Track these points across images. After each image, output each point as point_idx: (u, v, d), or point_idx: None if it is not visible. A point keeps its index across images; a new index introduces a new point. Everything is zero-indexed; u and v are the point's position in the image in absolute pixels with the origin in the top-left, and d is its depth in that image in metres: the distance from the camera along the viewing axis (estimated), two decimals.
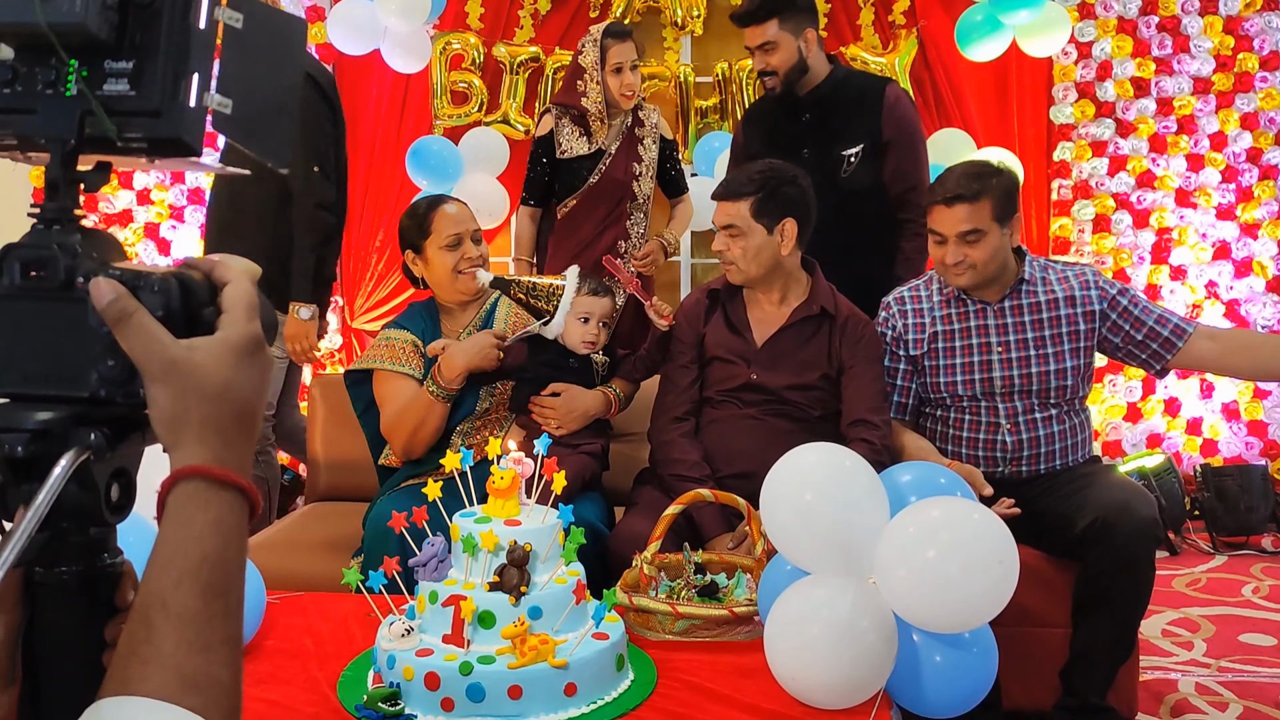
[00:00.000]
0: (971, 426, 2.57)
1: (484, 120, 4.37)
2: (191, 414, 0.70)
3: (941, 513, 1.71)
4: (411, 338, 2.61)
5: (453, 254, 2.59)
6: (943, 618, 1.69)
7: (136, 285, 0.70)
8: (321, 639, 1.94)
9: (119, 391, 0.71)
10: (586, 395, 2.62)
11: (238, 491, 0.71)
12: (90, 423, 0.71)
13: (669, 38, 4.39)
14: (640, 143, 3.39)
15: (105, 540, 0.75)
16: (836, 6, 4.31)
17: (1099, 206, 4.34)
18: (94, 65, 0.71)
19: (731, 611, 1.92)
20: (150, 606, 0.67)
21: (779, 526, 1.78)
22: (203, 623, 0.67)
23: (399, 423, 2.52)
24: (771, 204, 2.50)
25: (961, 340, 2.58)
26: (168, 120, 0.70)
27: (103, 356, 0.70)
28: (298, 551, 2.83)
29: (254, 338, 0.73)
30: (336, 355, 4.58)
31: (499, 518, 1.75)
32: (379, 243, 4.47)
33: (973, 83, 4.28)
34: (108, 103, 0.70)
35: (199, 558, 0.68)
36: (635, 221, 3.40)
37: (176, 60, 0.71)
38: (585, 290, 2.58)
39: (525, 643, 1.62)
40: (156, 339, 0.69)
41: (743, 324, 2.61)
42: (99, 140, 0.71)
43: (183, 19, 0.71)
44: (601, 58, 3.26)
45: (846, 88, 3.13)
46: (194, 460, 0.70)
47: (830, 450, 1.83)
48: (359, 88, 4.46)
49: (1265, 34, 4.29)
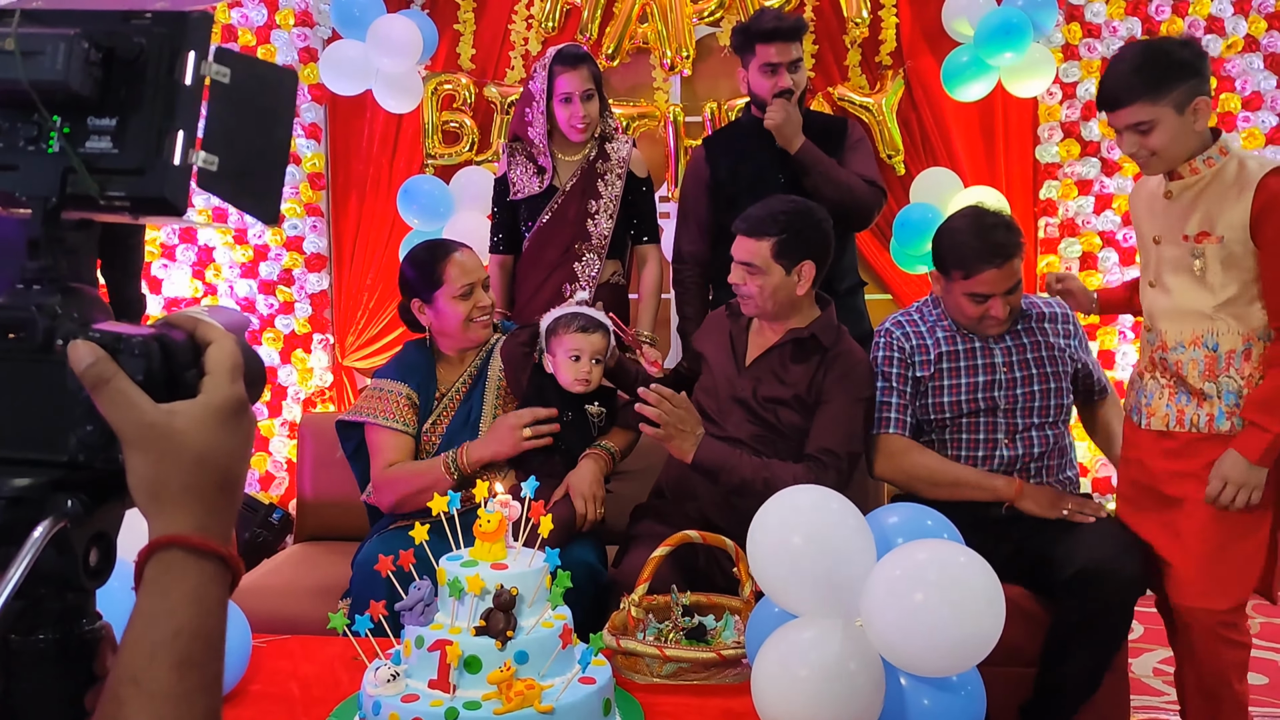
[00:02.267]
0: (970, 444, 2.61)
1: (475, 159, 4.39)
2: (171, 481, 0.68)
3: (928, 555, 1.72)
4: (406, 390, 2.59)
5: (465, 303, 2.58)
6: (930, 660, 1.69)
7: (116, 348, 0.68)
8: (307, 683, 1.93)
9: (98, 456, 0.69)
10: (584, 475, 2.53)
11: (218, 561, 0.69)
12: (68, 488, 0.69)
13: (659, 78, 4.42)
14: (601, 178, 3.22)
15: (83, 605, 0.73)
16: (824, 48, 4.35)
17: (1085, 244, 4.37)
18: (77, 122, 0.69)
19: (719, 654, 1.92)
20: (122, 683, 0.66)
21: (766, 568, 1.78)
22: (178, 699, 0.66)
23: (398, 480, 2.50)
24: (793, 246, 2.50)
25: (967, 361, 2.62)
26: (151, 178, 0.69)
27: (82, 421, 0.68)
28: (286, 594, 2.82)
29: (237, 400, 0.72)
30: (327, 393, 4.57)
31: (485, 561, 1.75)
32: (370, 280, 4.48)
33: (959, 123, 4.32)
34: (90, 160, 0.69)
35: (174, 630, 0.67)
36: (586, 264, 3.21)
37: (161, 117, 0.69)
38: (575, 327, 2.54)
39: (511, 688, 1.61)
40: (135, 404, 0.68)
41: (743, 339, 2.65)
42: (81, 198, 0.69)
43: (168, 75, 0.70)
44: (549, 85, 3.09)
45: (813, 121, 3.26)
46: (173, 529, 0.68)
47: (817, 493, 1.83)
48: (351, 127, 4.49)
49: (1247, 75, 4.34)
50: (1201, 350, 2.32)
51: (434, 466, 2.48)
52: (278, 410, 4.52)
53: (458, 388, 2.63)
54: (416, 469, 2.51)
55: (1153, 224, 2.41)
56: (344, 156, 4.51)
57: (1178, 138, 2.27)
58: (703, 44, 4.41)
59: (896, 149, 4.28)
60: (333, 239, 4.56)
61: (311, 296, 4.57)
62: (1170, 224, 2.35)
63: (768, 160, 3.17)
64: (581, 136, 3.18)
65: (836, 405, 2.53)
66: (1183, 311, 2.34)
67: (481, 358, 2.67)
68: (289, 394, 4.52)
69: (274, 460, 4.49)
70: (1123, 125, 2.31)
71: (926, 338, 2.65)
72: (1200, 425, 2.33)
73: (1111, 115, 2.32)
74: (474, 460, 2.47)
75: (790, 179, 3.13)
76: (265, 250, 4.52)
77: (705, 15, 4.33)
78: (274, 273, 4.52)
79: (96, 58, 0.69)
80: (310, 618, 2.47)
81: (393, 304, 4.47)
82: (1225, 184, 2.27)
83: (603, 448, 2.61)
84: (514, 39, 4.41)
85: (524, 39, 4.39)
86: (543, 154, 3.17)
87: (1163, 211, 2.37)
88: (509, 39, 4.42)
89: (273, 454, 4.49)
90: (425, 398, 2.61)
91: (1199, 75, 2.27)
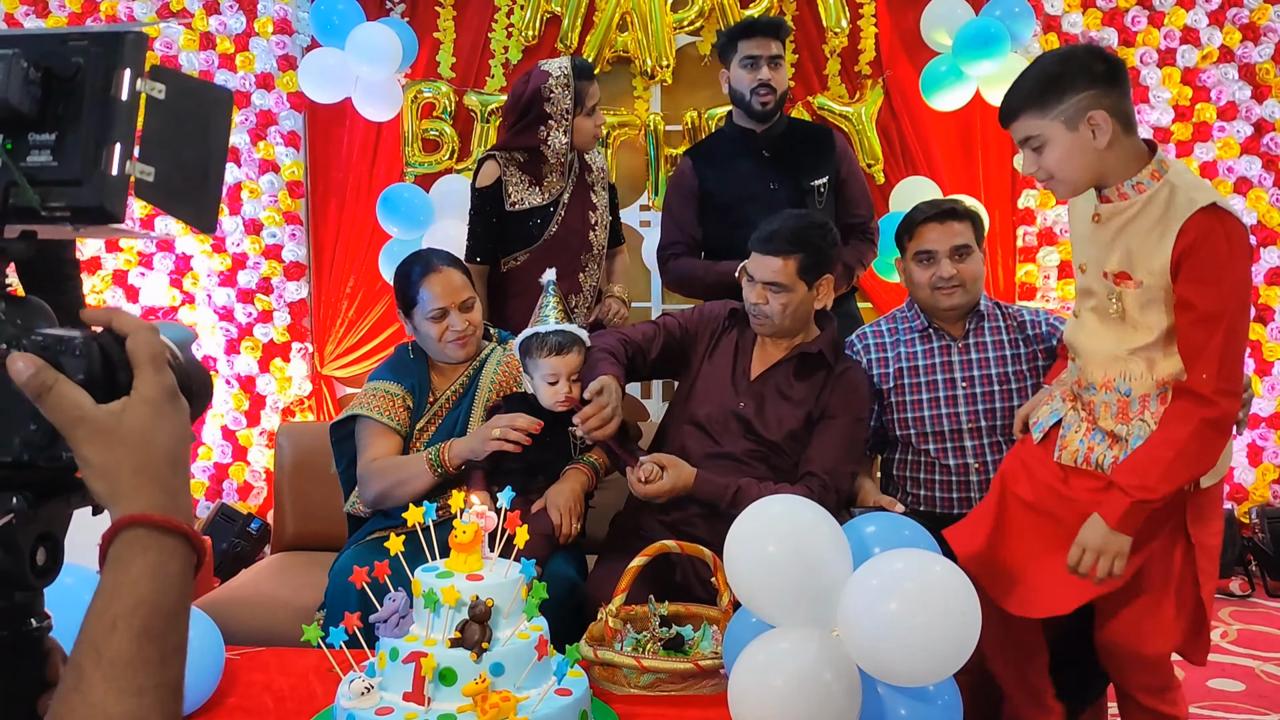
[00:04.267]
0: (942, 470, 2.59)
1: (455, 168, 4.38)
2: (123, 466, 0.71)
3: (905, 565, 1.72)
4: (401, 391, 2.59)
5: (438, 325, 2.57)
6: (906, 670, 1.69)
7: (60, 350, 0.71)
8: (282, 696, 1.91)
9: (41, 455, 0.72)
10: (564, 489, 2.50)
11: (180, 537, 0.72)
12: (12, 487, 0.71)
13: (639, 86, 4.43)
14: (592, 189, 3.25)
15: (31, 604, 0.75)
16: (804, 56, 4.37)
17: (1064, 253, 4.39)
18: (18, 137, 0.72)
19: (697, 665, 1.91)
20: (83, 654, 0.68)
21: (742, 578, 1.78)
22: (136, 668, 0.68)
23: (383, 471, 2.49)
24: (815, 262, 2.49)
25: (927, 376, 2.61)
26: (90, 189, 0.72)
27: (24, 420, 0.71)
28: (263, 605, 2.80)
29: (167, 389, 0.75)
30: (306, 402, 4.55)
31: (461, 572, 1.74)
32: (349, 289, 4.46)
33: (938, 131, 4.34)
34: (31, 173, 0.72)
35: (134, 602, 0.69)
36: (589, 274, 3.24)
37: (98, 131, 0.73)
38: (547, 350, 2.49)
39: (487, 700, 1.60)
40: (77, 405, 0.71)
41: (747, 353, 2.61)
42: (23, 210, 0.72)
43: (104, 91, 0.73)
44: (577, 99, 3.07)
45: (795, 128, 3.33)
46: (133, 509, 0.71)
47: (793, 502, 1.83)
48: (331, 135, 4.47)
49: (1222, 85, 4.38)
50: (1114, 394, 2.10)
51: (418, 460, 2.48)
52: (256, 420, 4.49)
53: (449, 395, 2.63)
54: (401, 462, 2.50)
55: (1081, 248, 2.18)
56: (323, 165, 4.50)
57: (1073, 156, 2.02)
58: (683, 53, 4.42)
59: (876, 158, 4.30)
60: (312, 247, 4.54)
61: (290, 305, 4.54)
62: (1095, 253, 2.12)
63: (755, 168, 3.18)
64: (595, 145, 3.23)
65: (839, 424, 2.51)
66: (1096, 350, 2.13)
67: (474, 368, 2.67)
68: (268, 403, 4.49)
69: (252, 470, 4.47)
70: (1017, 141, 2.12)
71: (888, 350, 2.66)
72: (1105, 465, 2.10)
73: (1009, 130, 2.13)
74: (454, 456, 2.46)
75: (784, 185, 3.16)
76: (244, 259, 4.50)
77: (685, 25, 4.34)
78: (253, 281, 4.50)
79: (35, 76, 0.72)
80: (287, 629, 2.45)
81: (372, 313, 4.45)
82: (1151, 218, 2.00)
83: (586, 462, 2.60)
84: (494, 47, 4.41)
85: (504, 47, 4.39)
86: (553, 168, 3.12)
87: (1090, 236, 2.14)
88: (489, 47, 4.42)
89: (251, 464, 4.47)
90: (419, 400, 2.61)
91: (1097, 87, 2.00)
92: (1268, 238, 4.41)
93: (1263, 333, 4.43)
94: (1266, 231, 4.41)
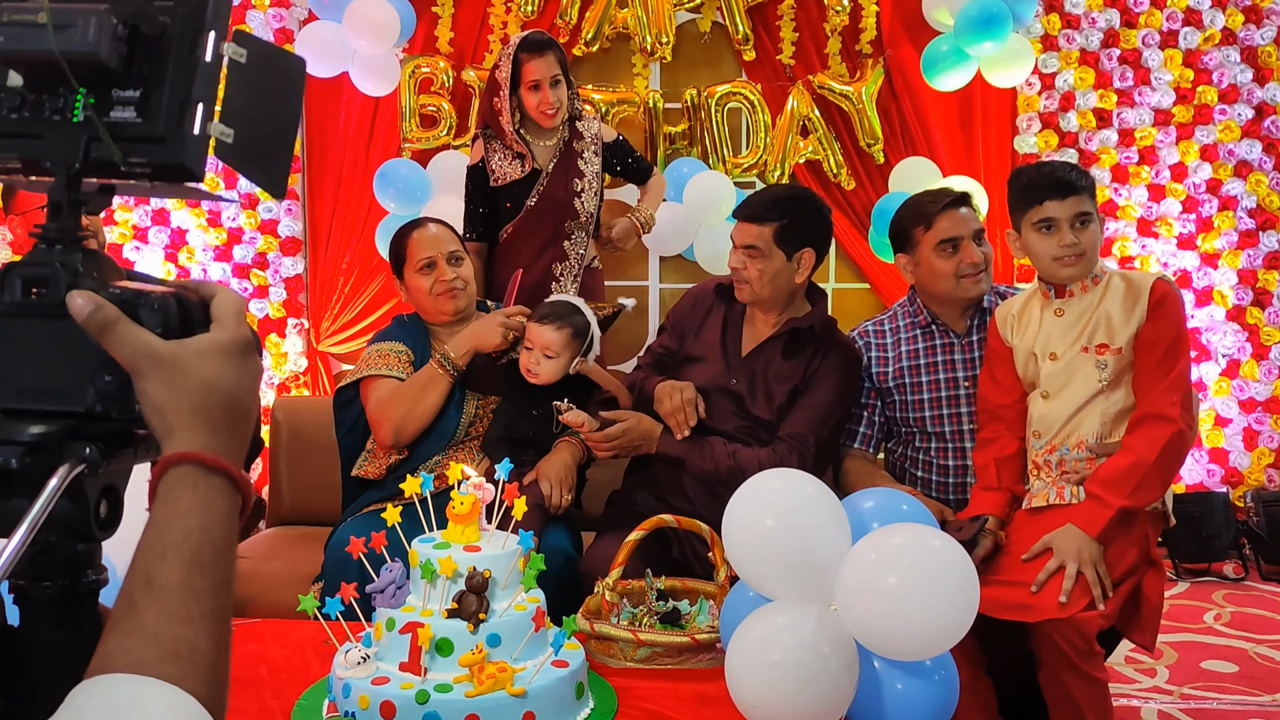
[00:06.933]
0: (941, 469, 2.58)
1: (452, 144, 4.36)
2: (182, 403, 0.72)
3: (903, 540, 1.71)
4: (404, 348, 2.60)
5: (427, 277, 2.58)
6: (904, 645, 1.68)
7: (137, 304, 0.73)
8: (277, 667, 1.90)
9: (115, 406, 0.73)
10: (554, 460, 2.52)
11: (227, 478, 0.73)
12: (85, 437, 0.72)
13: (638, 64, 4.40)
14: (580, 157, 3.23)
15: (91, 556, 0.77)
16: (805, 36, 4.34)
17: None
18: (101, 93, 0.74)
19: (693, 638, 1.91)
20: (135, 584, 0.69)
21: (740, 552, 1.77)
22: (185, 594, 0.68)
23: (397, 396, 2.49)
24: (794, 232, 2.48)
25: (929, 375, 2.59)
26: (172, 146, 0.73)
27: (100, 371, 0.72)
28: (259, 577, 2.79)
29: (244, 340, 0.76)
30: (302, 378, 4.54)
31: (458, 543, 1.74)
32: (345, 265, 4.44)
33: (938, 112, 4.33)
34: (114, 129, 0.73)
35: (184, 533, 0.70)
36: (576, 242, 3.24)
37: (182, 90, 0.74)
38: (536, 316, 2.53)
39: (483, 670, 1.60)
40: (142, 339, 0.72)
41: (736, 329, 2.61)
42: (103, 165, 0.74)
43: (189, 51, 0.74)
44: (515, 73, 3.08)
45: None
46: (184, 447, 0.72)
47: (792, 476, 1.83)
48: (328, 110, 4.44)
49: (1224, 68, 4.37)
50: (1084, 451, 2.27)
51: (426, 370, 2.51)
52: None
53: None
54: (408, 382, 2.52)
55: (1045, 342, 2.33)
56: (320, 140, 4.47)
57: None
58: (682, 30, 4.39)
59: (876, 138, 4.28)
60: (308, 223, 4.52)
61: (286, 280, 4.53)
62: (1068, 338, 2.30)
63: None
64: (552, 122, 3.17)
65: (818, 394, 2.51)
66: (1080, 420, 2.27)
67: None
68: (263, 379, 4.48)
69: None
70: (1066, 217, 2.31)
71: (889, 349, 2.64)
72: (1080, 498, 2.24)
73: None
74: (458, 349, 2.50)
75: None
76: (239, 233, 4.48)
77: (685, 2, 4.32)
78: (248, 256, 4.48)
79: (123, 33, 0.73)
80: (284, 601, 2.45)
81: (368, 289, 4.44)
82: (1119, 292, 2.27)
83: (576, 436, 2.59)
84: (493, 22, 4.38)
85: (503, 22, 4.36)
86: (515, 141, 3.15)
87: (1053, 329, 2.32)
88: (488, 22, 4.39)
89: None
90: (420, 360, 2.61)
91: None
92: (1267, 221, 4.40)
93: (1260, 316, 4.43)
94: (1266, 215, 4.41)
